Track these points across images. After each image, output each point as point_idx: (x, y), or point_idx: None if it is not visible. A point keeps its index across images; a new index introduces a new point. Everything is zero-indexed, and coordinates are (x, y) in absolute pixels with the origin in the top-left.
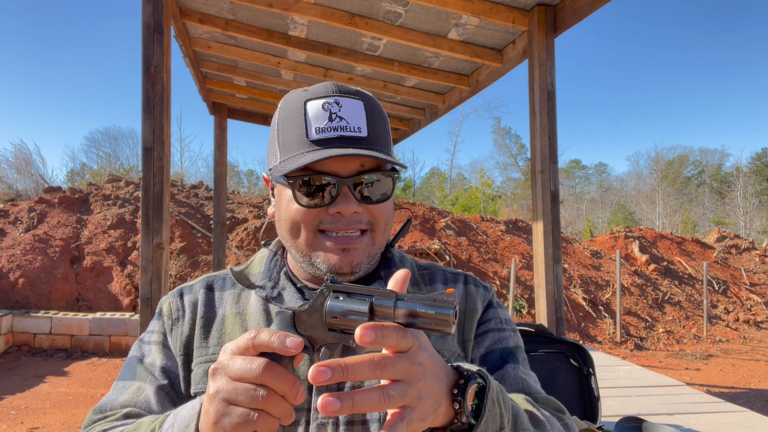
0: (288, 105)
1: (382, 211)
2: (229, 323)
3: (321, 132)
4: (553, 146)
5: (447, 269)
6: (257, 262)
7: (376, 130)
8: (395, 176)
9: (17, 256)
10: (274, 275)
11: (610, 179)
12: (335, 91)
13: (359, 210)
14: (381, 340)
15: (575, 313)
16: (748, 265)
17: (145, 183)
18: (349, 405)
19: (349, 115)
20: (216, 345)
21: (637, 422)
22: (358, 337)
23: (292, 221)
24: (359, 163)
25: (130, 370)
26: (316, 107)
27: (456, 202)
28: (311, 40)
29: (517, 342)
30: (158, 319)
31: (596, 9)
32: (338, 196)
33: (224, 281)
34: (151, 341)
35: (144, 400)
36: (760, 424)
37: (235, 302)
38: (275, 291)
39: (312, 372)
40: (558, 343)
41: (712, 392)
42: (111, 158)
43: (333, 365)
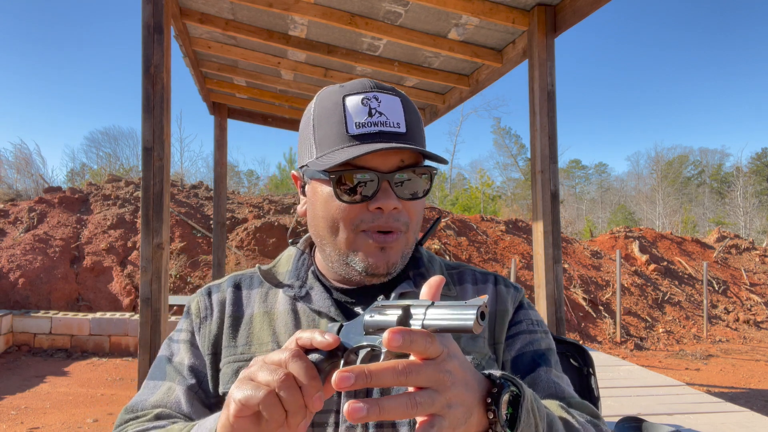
0: (325, 100)
1: (417, 209)
2: (257, 322)
3: (361, 127)
4: (553, 146)
5: (477, 269)
6: (284, 261)
7: (413, 127)
8: (433, 173)
9: (17, 256)
10: (302, 274)
11: (610, 179)
12: (373, 87)
13: (399, 206)
14: (409, 345)
15: (575, 313)
16: (748, 265)
17: (145, 183)
18: (375, 412)
19: (388, 110)
20: (244, 344)
21: (637, 422)
22: (385, 341)
23: (332, 219)
24: (399, 158)
25: (159, 370)
26: (356, 102)
27: (456, 202)
28: (311, 40)
29: (549, 344)
30: (186, 317)
31: (596, 9)
32: (379, 192)
33: (252, 280)
34: (180, 340)
35: (174, 400)
36: (760, 424)
37: (263, 301)
38: (303, 290)
39: (335, 377)
40: (558, 343)
41: (712, 392)
42: (111, 158)
43: (356, 371)
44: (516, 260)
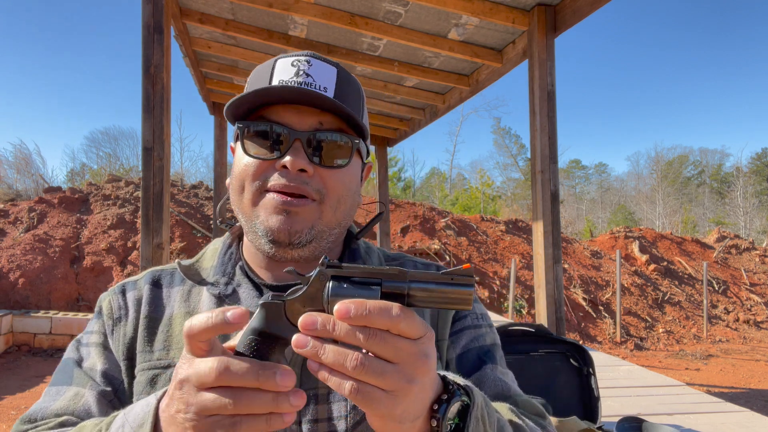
0: (260, 66)
1: (335, 181)
2: (177, 324)
3: (282, 83)
4: (553, 146)
5: (417, 260)
6: (209, 255)
7: (344, 96)
8: (358, 143)
9: (17, 256)
10: (228, 270)
11: (610, 179)
12: (311, 55)
13: (309, 169)
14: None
15: (575, 313)
16: (748, 265)
17: (145, 183)
18: (316, 349)
19: (317, 74)
20: (161, 349)
21: (637, 422)
22: (336, 312)
23: (240, 177)
24: (318, 120)
25: (65, 374)
26: (285, 63)
27: (456, 202)
28: (311, 40)
29: (494, 339)
30: (98, 318)
31: (596, 9)
32: (289, 150)
33: (173, 276)
34: (90, 343)
35: (83, 407)
36: (760, 424)
37: (184, 300)
38: (229, 288)
39: (301, 319)
40: (558, 343)
41: (712, 392)
42: (111, 158)
43: (323, 318)
44: (516, 260)
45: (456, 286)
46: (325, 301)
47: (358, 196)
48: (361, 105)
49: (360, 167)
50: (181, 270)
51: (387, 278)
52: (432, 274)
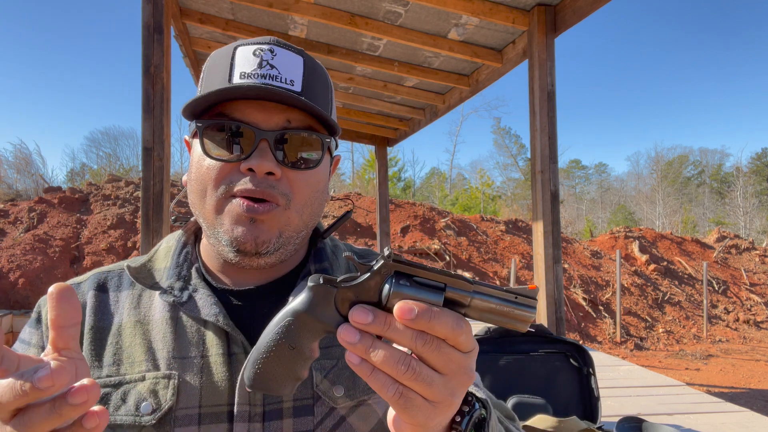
0: (218, 53)
1: (303, 183)
2: (126, 335)
3: (245, 77)
4: (553, 146)
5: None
6: (162, 255)
7: (312, 89)
8: (329, 142)
9: (17, 256)
10: (183, 272)
11: (610, 179)
12: (273, 42)
13: (277, 172)
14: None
15: (575, 313)
16: (748, 265)
17: (145, 183)
18: (366, 345)
19: (282, 66)
20: (111, 364)
21: (637, 422)
22: (398, 310)
23: (201, 180)
24: (285, 118)
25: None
26: (246, 53)
27: (456, 202)
28: (311, 40)
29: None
30: (35, 327)
31: (596, 9)
32: (254, 151)
33: (120, 279)
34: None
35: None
36: (760, 424)
37: (134, 307)
38: (185, 294)
39: (354, 311)
40: (558, 343)
41: (712, 392)
42: (111, 158)
43: (378, 314)
44: (516, 260)
45: (519, 305)
46: (384, 296)
47: (326, 193)
48: (330, 97)
49: (329, 163)
50: (129, 273)
51: (452, 284)
52: (498, 288)
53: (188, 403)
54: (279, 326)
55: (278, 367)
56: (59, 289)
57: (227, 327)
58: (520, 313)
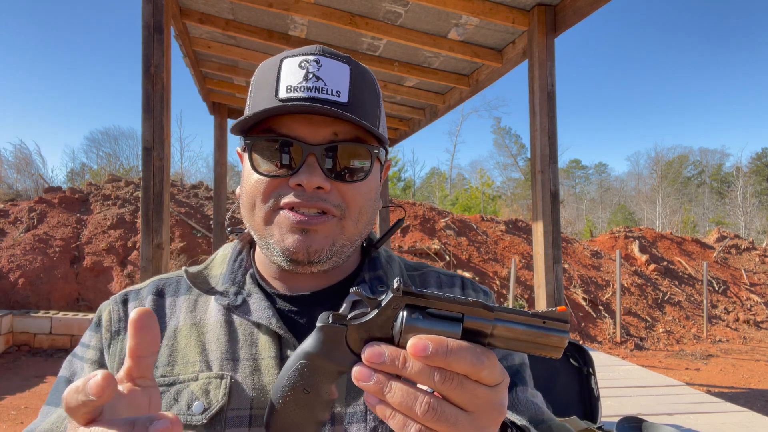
0: (265, 65)
1: (355, 194)
2: (182, 337)
3: (291, 91)
4: (553, 146)
5: (441, 271)
6: (219, 262)
7: (360, 99)
8: (377, 153)
9: (17, 256)
10: (238, 278)
11: (610, 179)
12: (319, 51)
13: (326, 186)
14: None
15: (575, 313)
16: (748, 265)
17: (145, 183)
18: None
19: (328, 76)
20: (166, 365)
21: (637, 422)
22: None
23: (250, 194)
24: (332, 130)
25: (56, 394)
26: (292, 65)
27: (456, 202)
28: (311, 40)
29: (523, 358)
30: (95, 331)
31: (596, 9)
32: (302, 166)
33: (178, 285)
34: (84, 358)
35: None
36: (760, 424)
37: (191, 311)
38: (239, 298)
39: (366, 351)
40: None
41: (712, 392)
42: (111, 158)
43: (392, 352)
44: (516, 260)
45: (549, 330)
46: (396, 332)
47: (378, 201)
48: (378, 104)
49: (379, 172)
50: (187, 278)
51: (470, 313)
52: (522, 313)
53: (239, 404)
54: (292, 370)
55: (296, 411)
56: (140, 315)
57: (280, 330)
58: (551, 338)
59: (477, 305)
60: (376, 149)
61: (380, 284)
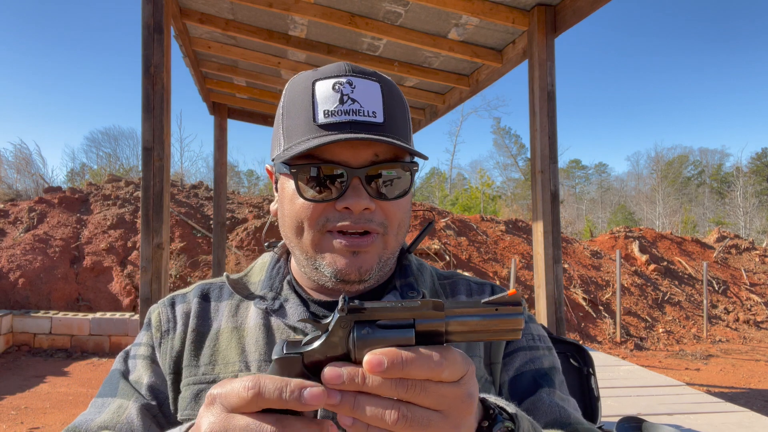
0: (295, 86)
1: (397, 210)
2: (223, 339)
3: (330, 115)
4: (553, 146)
5: (471, 279)
6: (258, 269)
7: (393, 117)
8: (414, 169)
9: (17, 256)
10: (276, 284)
11: (610, 179)
12: (348, 71)
13: (371, 206)
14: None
15: (575, 313)
16: (748, 265)
17: (145, 183)
18: (349, 403)
19: (363, 97)
20: (207, 364)
21: (637, 422)
22: (366, 365)
23: (297, 218)
24: (373, 152)
25: (111, 386)
26: (326, 88)
27: (456, 202)
28: (311, 40)
29: (553, 362)
30: (147, 330)
31: (596, 9)
32: (348, 189)
33: (221, 290)
34: (138, 355)
35: (126, 420)
36: (760, 424)
37: (232, 315)
38: (277, 303)
39: (325, 373)
40: (558, 343)
41: (712, 392)
42: (111, 158)
43: (350, 371)
44: (516, 260)
45: (502, 316)
46: (351, 351)
47: (410, 210)
48: (408, 117)
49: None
50: (229, 283)
51: (420, 316)
52: (473, 305)
53: None
54: None
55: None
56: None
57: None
58: (506, 323)
59: (426, 306)
60: (415, 166)
61: (411, 290)
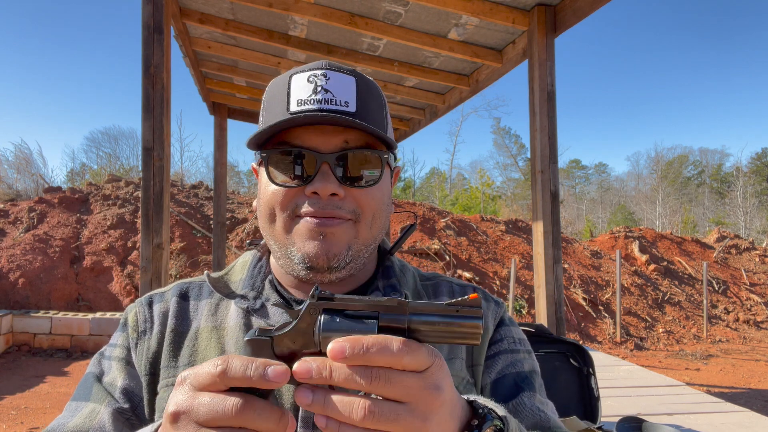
0: (275, 83)
1: (368, 199)
2: (203, 339)
3: (302, 104)
4: (553, 146)
5: (453, 280)
6: (239, 268)
7: (367, 108)
8: (387, 158)
9: (17, 256)
10: (257, 283)
11: (610, 179)
12: (325, 66)
13: (340, 192)
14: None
15: (575, 313)
16: (748, 265)
17: (145, 183)
18: (320, 403)
19: (336, 88)
20: (187, 364)
21: (637, 422)
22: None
23: (269, 205)
24: (343, 139)
25: (85, 389)
26: (301, 80)
27: (456, 202)
28: (311, 40)
29: (533, 366)
30: (122, 331)
31: (596, 9)
32: (317, 174)
33: (201, 289)
34: (113, 357)
35: (98, 425)
36: (760, 424)
37: (212, 314)
38: (258, 302)
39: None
40: (558, 343)
41: (712, 392)
42: (111, 158)
43: (318, 364)
44: (516, 260)
45: (462, 318)
46: (316, 337)
47: (390, 206)
48: (384, 112)
49: (389, 177)
50: (209, 282)
51: (385, 311)
52: (436, 305)
53: None
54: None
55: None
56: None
57: None
58: (466, 326)
59: (392, 303)
60: (386, 154)
61: (393, 291)
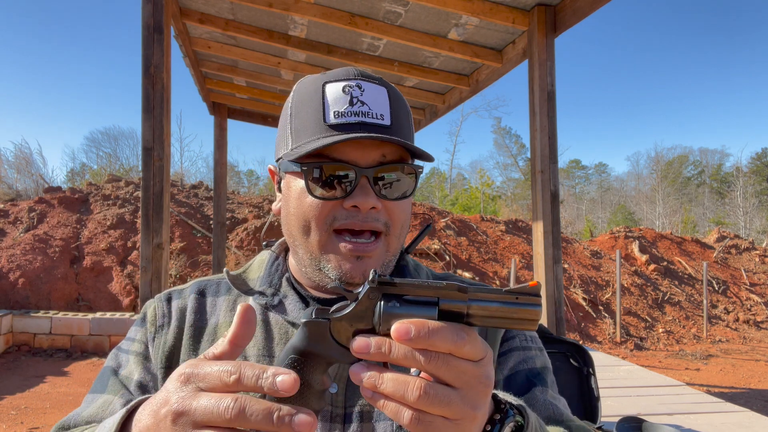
0: (304, 88)
1: (399, 211)
2: (221, 333)
3: (340, 116)
4: (553, 146)
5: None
6: (257, 266)
7: (399, 121)
8: (418, 172)
9: (17, 256)
10: (275, 281)
11: (610, 179)
12: (358, 75)
13: (378, 206)
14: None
15: (575, 313)
16: (748, 265)
17: (145, 183)
18: (372, 381)
19: (371, 101)
20: None
21: (637, 422)
22: (394, 332)
23: (304, 217)
24: (381, 153)
25: (101, 382)
26: (336, 90)
27: (456, 202)
28: (311, 40)
29: (545, 362)
30: (141, 325)
31: (596, 9)
32: (356, 188)
33: (218, 286)
34: (130, 351)
35: (110, 414)
36: (760, 424)
37: (231, 310)
38: (276, 298)
39: (354, 343)
40: (558, 343)
41: (712, 392)
42: (111, 158)
43: (377, 341)
44: (516, 260)
45: (521, 305)
46: (376, 321)
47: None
48: (411, 122)
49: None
50: (228, 279)
51: (444, 296)
52: (495, 291)
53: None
54: (283, 365)
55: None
56: (247, 309)
57: None
58: (525, 312)
59: (451, 288)
60: (420, 168)
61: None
